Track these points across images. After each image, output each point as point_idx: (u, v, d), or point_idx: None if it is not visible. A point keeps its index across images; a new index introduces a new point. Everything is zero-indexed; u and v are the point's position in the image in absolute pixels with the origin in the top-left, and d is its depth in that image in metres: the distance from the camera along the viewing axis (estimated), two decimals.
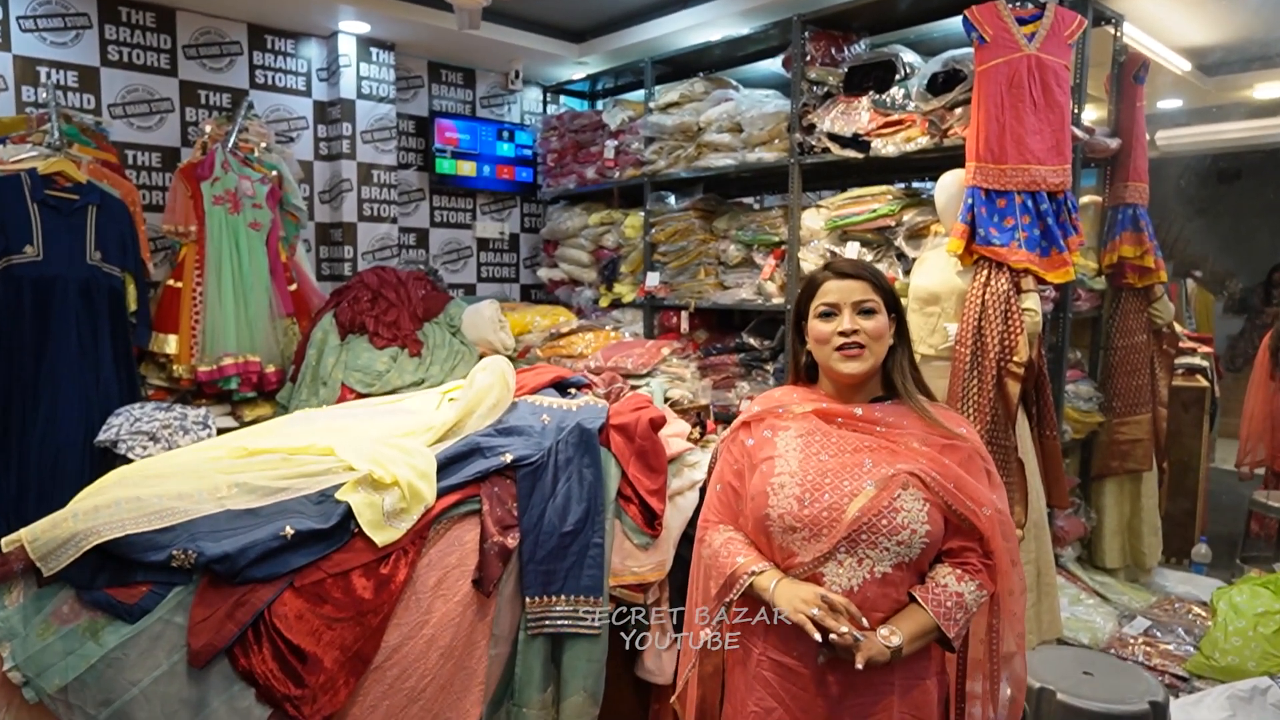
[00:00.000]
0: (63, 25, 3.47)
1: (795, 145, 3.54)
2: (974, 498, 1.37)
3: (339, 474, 1.72)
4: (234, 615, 1.52)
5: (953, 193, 2.81)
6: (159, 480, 1.63)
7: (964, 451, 1.42)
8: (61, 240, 3.11)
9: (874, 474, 1.36)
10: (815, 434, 1.44)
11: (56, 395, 3.09)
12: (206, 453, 1.78)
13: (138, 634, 1.47)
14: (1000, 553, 1.40)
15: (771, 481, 1.41)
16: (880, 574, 1.34)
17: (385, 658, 1.67)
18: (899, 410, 1.45)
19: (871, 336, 1.41)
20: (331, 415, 2.02)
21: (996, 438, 2.65)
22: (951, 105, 3.01)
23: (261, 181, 3.61)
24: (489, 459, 1.83)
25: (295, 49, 4.12)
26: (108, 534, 1.47)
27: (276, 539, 1.57)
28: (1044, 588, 2.80)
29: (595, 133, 4.54)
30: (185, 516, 1.55)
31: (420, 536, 1.72)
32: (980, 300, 2.67)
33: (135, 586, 1.49)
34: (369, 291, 3.58)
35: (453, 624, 1.73)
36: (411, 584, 1.71)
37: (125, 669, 1.45)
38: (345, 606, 1.61)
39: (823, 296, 1.45)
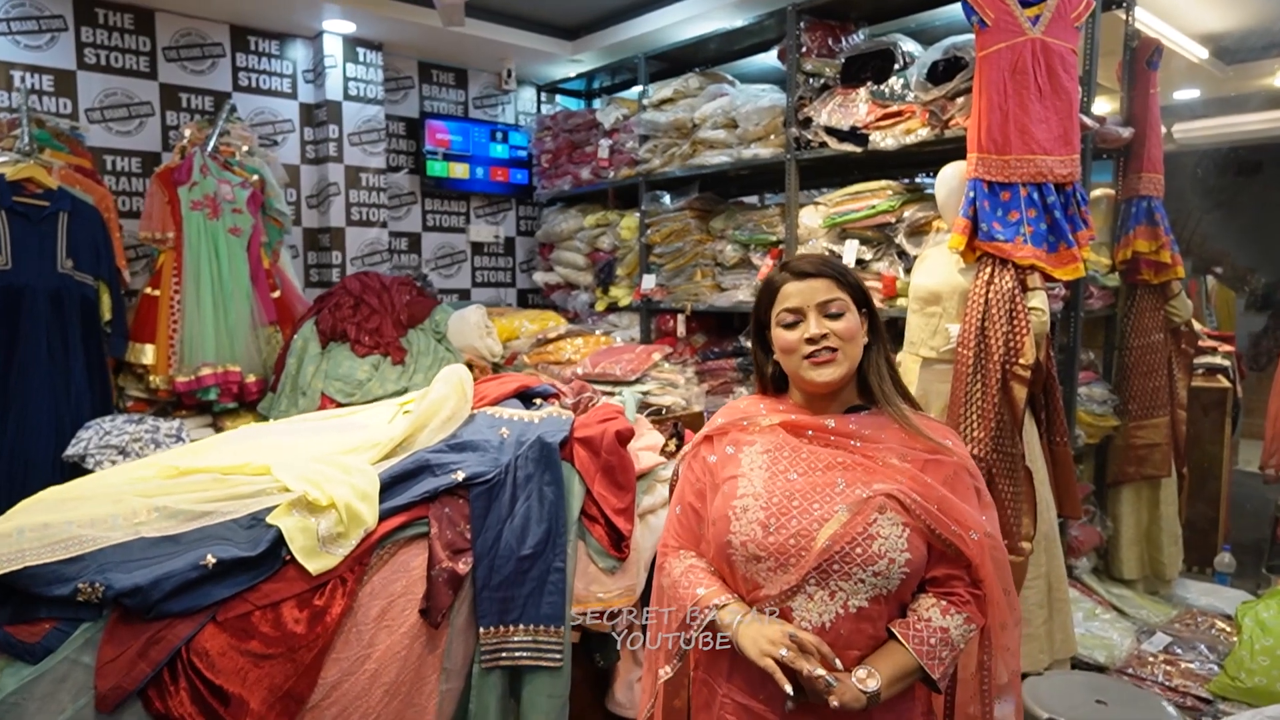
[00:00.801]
0: (37, 28, 3.40)
1: (791, 140, 3.40)
2: (960, 520, 1.23)
3: (273, 495, 1.60)
4: (147, 654, 1.39)
5: (954, 186, 2.65)
6: (74, 504, 1.51)
7: (949, 467, 1.28)
8: (30, 248, 3.03)
9: (847, 496, 1.22)
10: (783, 449, 1.30)
11: (25, 408, 3.00)
12: (134, 473, 1.66)
13: (40, 676, 1.35)
14: (991, 581, 1.25)
15: (734, 504, 1.27)
16: (855, 608, 1.20)
17: (323, 696, 1.54)
18: (877, 421, 1.31)
19: (843, 338, 1.27)
20: (276, 431, 1.90)
21: (1002, 445, 2.49)
22: (953, 94, 2.86)
23: (242, 186, 3.51)
24: (439, 477, 1.70)
25: (280, 50, 4.03)
26: (4, 566, 1.35)
27: (196, 569, 1.45)
28: (1056, 603, 2.63)
29: (590, 132, 4.43)
30: (95, 545, 1.43)
31: (360, 563, 1.59)
32: (983, 299, 2.51)
33: (38, 623, 1.37)
34: (351, 298, 3.47)
35: (399, 658, 1.60)
36: (352, 615, 1.58)
37: (26, 715, 1.33)
38: (275, 642, 1.48)
39: (784, 301, 1.31)
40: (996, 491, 2.49)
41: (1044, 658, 2.58)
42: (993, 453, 2.47)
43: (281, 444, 1.77)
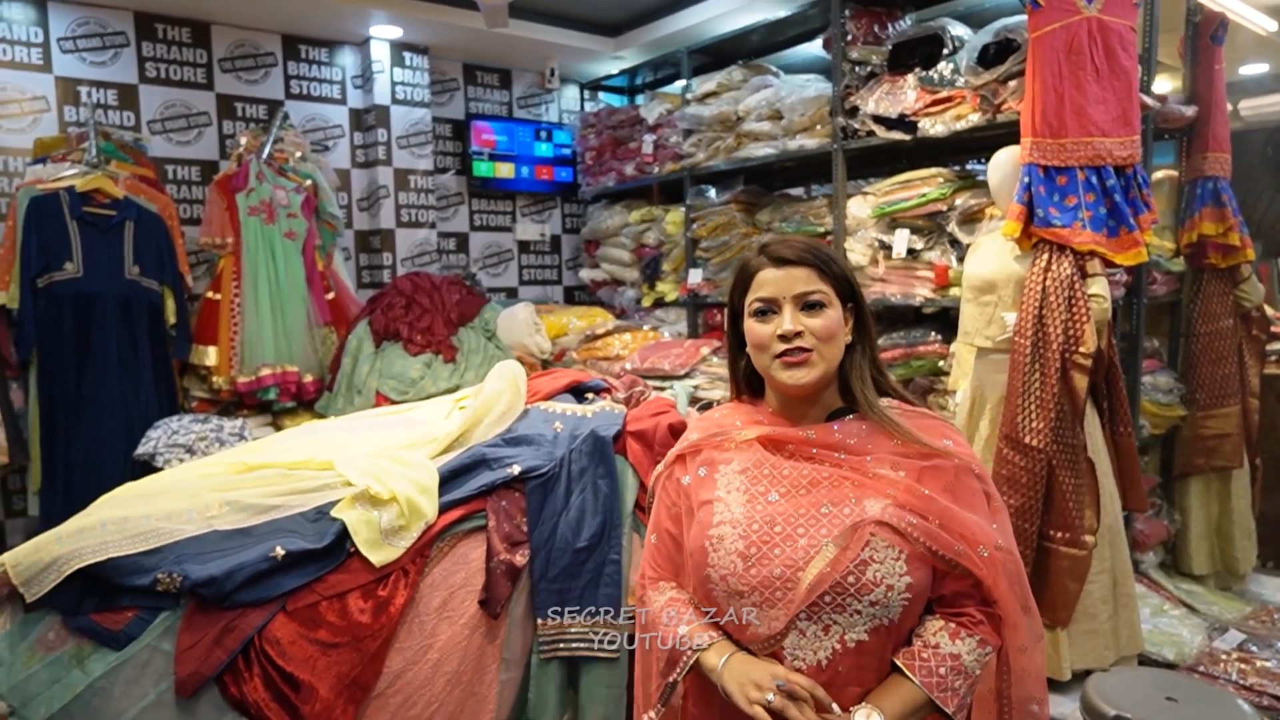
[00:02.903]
0: (101, 45, 3.53)
1: (838, 130, 3.35)
2: (967, 535, 1.09)
3: (336, 490, 1.64)
4: (222, 641, 1.44)
5: (1007, 172, 2.59)
6: (150, 499, 1.57)
7: (948, 472, 1.13)
8: (100, 256, 3.16)
9: (834, 522, 1.08)
10: (762, 467, 1.16)
11: (98, 411, 3.13)
12: (204, 469, 1.72)
13: (124, 662, 1.41)
14: (1006, 600, 1.11)
15: (710, 534, 1.13)
16: (854, 642, 1.07)
17: (388, 684, 1.57)
18: (863, 427, 1.17)
19: (820, 337, 1.13)
20: (336, 427, 1.95)
21: (1063, 436, 2.43)
22: (1005, 78, 2.79)
23: (296, 191, 3.61)
24: (495, 471, 1.72)
25: (329, 57, 4.12)
26: (89, 558, 1.41)
27: (266, 560, 1.49)
28: (1121, 598, 2.56)
29: (633, 128, 4.43)
30: (171, 538, 1.48)
31: (421, 555, 1.62)
32: (1041, 287, 2.45)
33: (121, 612, 1.43)
34: (403, 298, 3.54)
35: (460, 648, 1.62)
36: (414, 606, 1.61)
37: (112, 699, 1.39)
38: (342, 631, 1.52)
39: (757, 290, 1.17)
40: (1057, 483, 2.44)
41: (1109, 654, 2.52)
42: (1053, 444, 2.42)
43: (342, 440, 1.82)
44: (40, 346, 3.09)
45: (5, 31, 3.33)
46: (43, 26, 3.41)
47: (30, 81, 3.40)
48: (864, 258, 3.33)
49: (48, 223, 3.06)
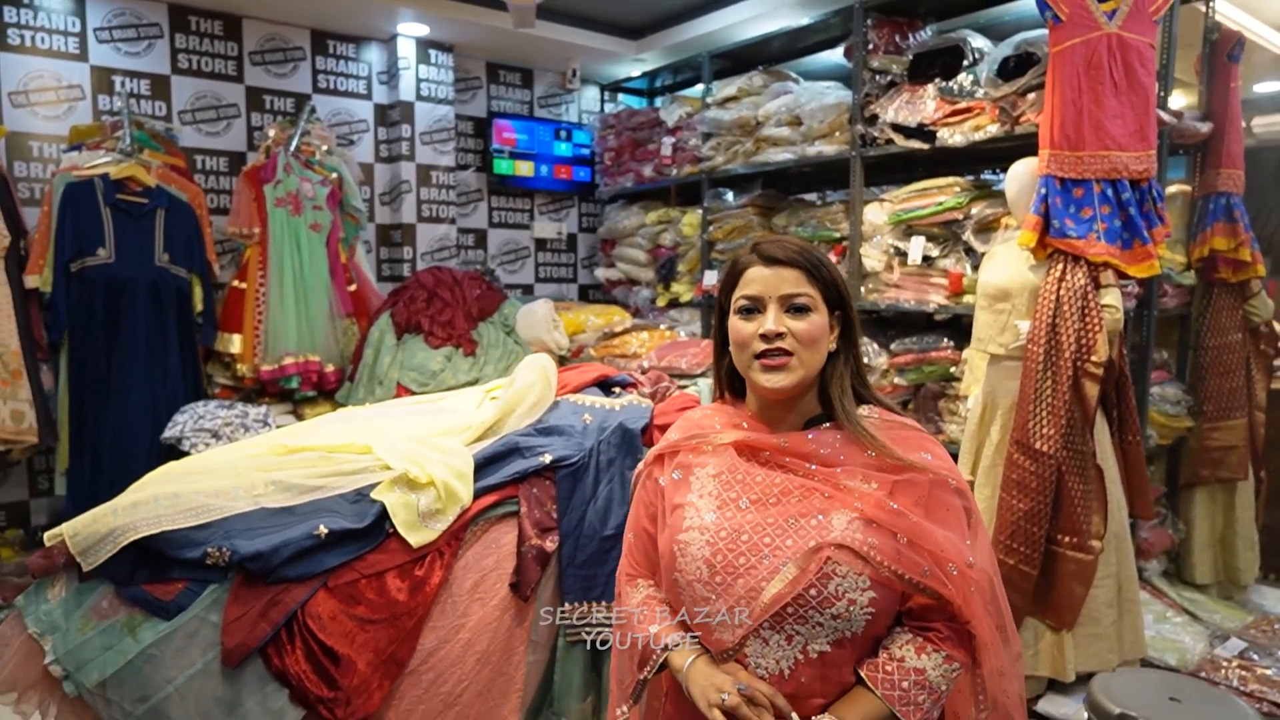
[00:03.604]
0: (136, 35, 3.60)
1: (857, 137, 3.41)
2: (936, 553, 1.06)
3: (375, 473, 1.70)
4: (267, 615, 1.50)
5: (1025, 182, 2.65)
6: (199, 477, 1.63)
7: (923, 485, 1.11)
8: (132, 243, 3.22)
9: (800, 534, 1.08)
10: (736, 473, 1.16)
11: (126, 394, 3.19)
12: (248, 450, 1.78)
13: (173, 631, 1.46)
14: (980, 621, 1.07)
15: (679, 538, 1.14)
16: (816, 653, 1.06)
17: (421, 661, 1.63)
18: (838, 437, 1.16)
19: (801, 341, 1.12)
20: (371, 414, 2.01)
21: (1073, 443, 2.49)
22: (1024, 90, 2.85)
23: (322, 184, 3.67)
24: (528, 459, 1.78)
25: (356, 53, 4.19)
26: (144, 530, 1.47)
27: (310, 538, 1.55)
28: (1126, 603, 2.61)
29: (652, 130, 4.49)
30: (221, 514, 1.54)
31: (456, 538, 1.68)
32: (1055, 296, 2.50)
33: (172, 583, 1.49)
34: (425, 291, 3.61)
35: (490, 628, 1.68)
36: (447, 586, 1.67)
37: (161, 666, 1.45)
38: (379, 608, 1.58)
39: (744, 287, 1.15)
40: (1066, 489, 2.49)
41: (1113, 658, 2.57)
42: (1063, 450, 2.47)
43: (379, 426, 1.87)
44: (71, 330, 3.15)
45: (45, 21, 3.40)
46: (80, 16, 3.47)
47: (66, 70, 3.46)
48: (879, 264, 3.38)
49: (82, 209, 3.13)
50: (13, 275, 3.05)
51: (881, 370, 3.41)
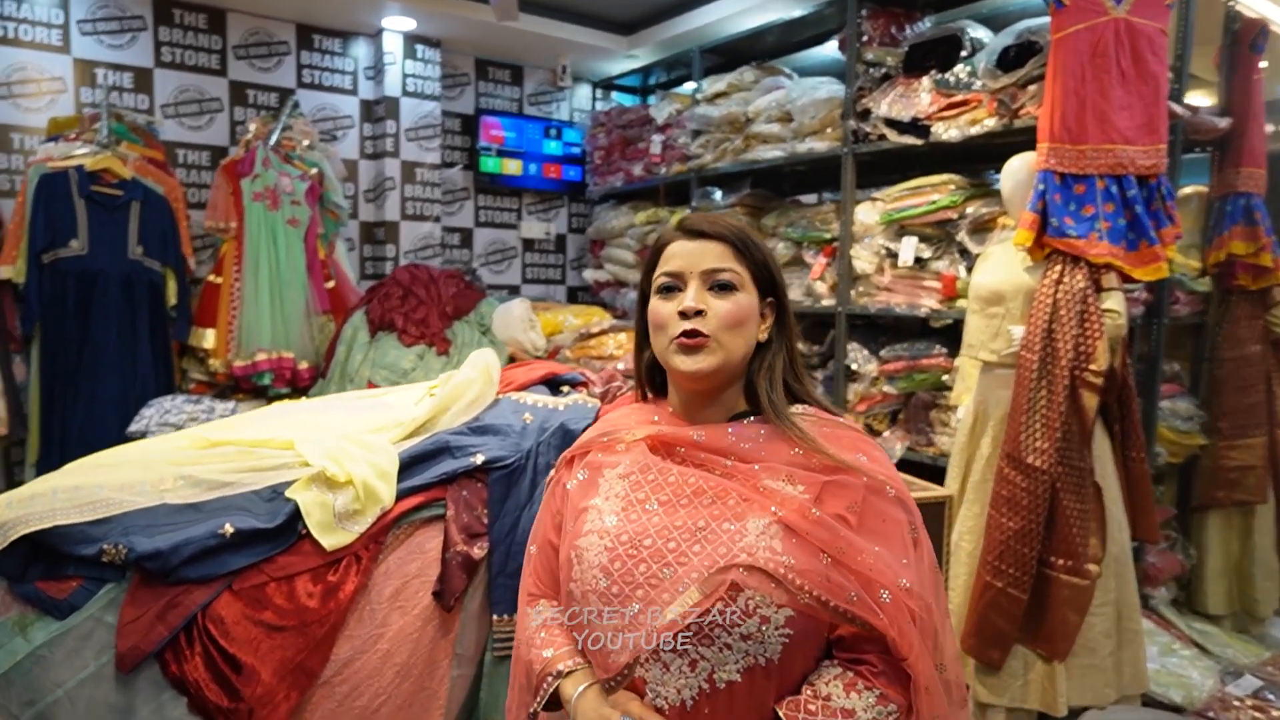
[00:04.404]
0: (119, 28, 3.56)
1: (849, 133, 3.28)
2: (866, 573, 0.91)
3: (294, 469, 1.59)
4: (165, 617, 1.40)
5: (1021, 178, 2.50)
6: (109, 470, 1.55)
7: (856, 490, 0.97)
8: (105, 235, 3.17)
9: (709, 540, 0.95)
10: (648, 472, 1.03)
11: (96, 387, 3.15)
12: (172, 443, 1.69)
13: (66, 632, 1.37)
14: (920, 658, 0.92)
15: (577, 544, 1.02)
16: (723, 682, 0.92)
17: (335, 672, 1.52)
18: (761, 431, 1.03)
19: (724, 322, 1.00)
20: (311, 408, 1.91)
21: (1069, 457, 2.31)
22: (1024, 82, 2.70)
23: (301, 179, 3.60)
24: (458, 459, 1.66)
25: (342, 48, 4.13)
26: (36, 524, 1.39)
27: (214, 537, 1.45)
28: (1126, 633, 2.42)
29: (643, 128, 4.39)
30: (120, 508, 1.45)
31: (376, 542, 1.57)
32: (1051, 300, 2.34)
33: (66, 581, 1.40)
34: (400, 289, 3.52)
35: (411, 639, 1.56)
36: (365, 593, 1.55)
37: (51, 668, 1.36)
38: (288, 614, 1.47)
39: (665, 263, 1.04)
40: (1061, 507, 2.32)
41: (1110, 692, 2.38)
42: (1057, 465, 2.30)
43: (312, 421, 1.78)
44: (43, 321, 3.11)
45: (28, 12, 3.37)
46: (64, 8, 3.44)
47: (49, 62, 3.42)
48: (870, 265, 3.25)
49: (56, 200, 3.08)
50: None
51: (871, 378, 3.27)
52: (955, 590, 2.51)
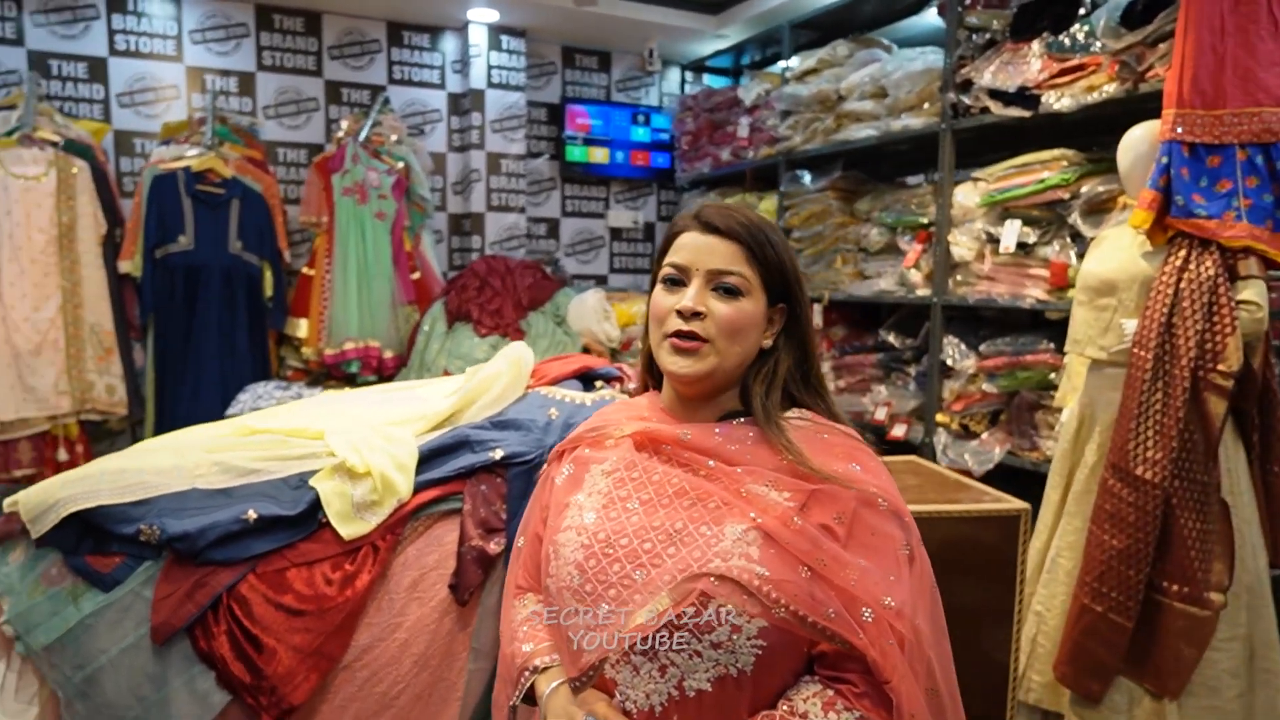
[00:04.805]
0: (225, 36, 3.79)
1: (947, 107, 3.02)
2: (848, 588, 0.86)
3: (321, 459, 1.63)
4: (194, 596, 1.48)
5: (1142, 151, 2.17)
6: (154, 454, 1.64)
7: (845, 501, 0.92)
8: (209, 231, 3.39)
9: (685, 543, 0.92)
10: (633, 470, 1.00)
11: (200, 372, 3.37)
12: (216, 430, 1.77)
13: (110, 604, 1.47)
14: (903, 681, 0.86)
15: (556, 539, 1.00)
16: (693, 691, 0.88)
17: (355, 657, 1.55)
18: (750, 434, 0.99)
19: (722, 328, 0.96)
20: (349, 399, 1.96)
21: (1190, 470, 2.01)
22: (1153, 39, 2.36)
23: (388, 173, 3.72)
24: (477, 454, 1.65)
25: (431, 43, 4.23)
26: (81, 503, 1.48)
27: (238, 522, 1.51)
28: (1259, 674, 2.09)
29: (731, 111, 4.26)
30: (156, 491, 1.53)
31: (393, 532, 1.58)
32: (1173, 289, 2.03)
33: (111, 556, 1.50)
34: (477, 279, 3.59)
35: (428, 630, 1.57)
36: (384, 583, 1.57)
37: (97, 636, 1.46)
38: (307, 599, 1.51)
39: (674, 254, 1.01)
40: (1177, 526, 2.02)
41: None
42: (1174, 479, 2.00)
43: (346, 411, 1.82)
44: (155, 312, 3.37)
45: (148, 26, 3.64)
46: (177, 20, 3.69)
47: (164, 71, 3.69)
48: (969, 252, 2.99)
49: (166, 199, 3.32)
50: (108, 260, 3.30)
51: (968, 375, 3.02)
52: (1052, 612, 2.28)
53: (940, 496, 1.91)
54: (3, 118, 3.11)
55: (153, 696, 1.45)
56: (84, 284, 3.14)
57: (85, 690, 1.43)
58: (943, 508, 1.81)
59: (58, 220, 3.05)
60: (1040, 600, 2.28)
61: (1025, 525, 1.86)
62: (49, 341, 3.04)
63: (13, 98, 3.20)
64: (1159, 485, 2.00)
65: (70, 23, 3.48)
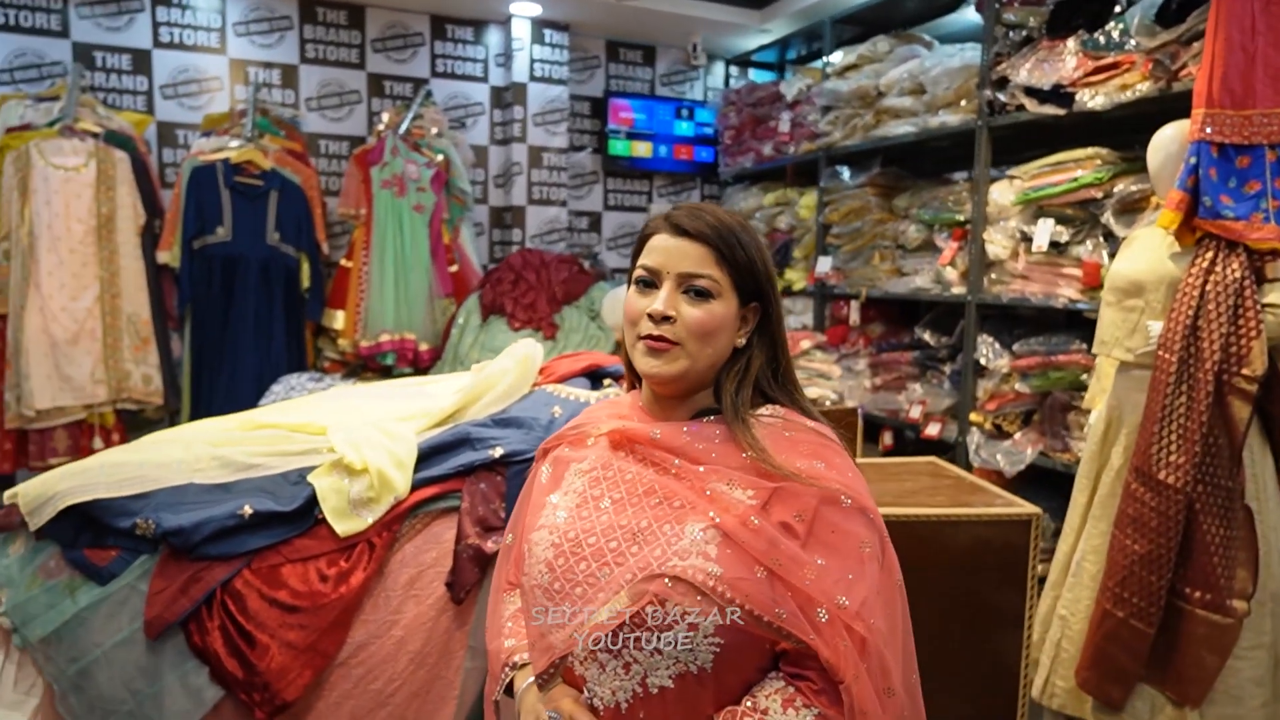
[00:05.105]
0: (269, 28, 3.85)
1: (984, 104, 2.94)
2: (802, 588, 0.87)
3: (321, 454, 1.63)
4: (188, 590, 1.48)
5: (1171, 151, 2.12)
6: (160, 447, 1.66)
7: (806, 499, 0.91)
8: (246, 222, 3.45)
9: (647, 541, 0.93)
10: (608, 469, 1.02)
11: (235, 363, 3.44)
12: (224, 423, 1.79)
13: (106, 597, 1.48)
14: (856, 681, 0.86)
15: (530, 537, 1.02)
16: (655, 688, 0.90)
17: (350, 654, 1.55)
18: (718, 432, 0.99)
19: (692, 331, 0.96)
20: (359, 394, 1.97)
21: (1213, 475, 1.96)
22: (1188, 37, 2.30)
23: (428, 166, 3.75)
24: (477, 451, 1.64)
25: (474, 37, 4.24)
26: (78, 496, 1.50)
27: (233, 517, 1.51)
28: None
29: (773, 105, 4.19)
30: (154, 485, 1.54)
31: (389, 530, 1.58)
32: (1199, 291, 1.98)
33: (107, 550, 1.51)
34: (512, 273, 3.59)
35: (425, 628, 1.57)
36: (381, 580, 1.57)
37: (92, 630, 1.47)
38: (301, 596, 1.52)
39: (646, 255, 1.01)
40: (1200, 532, 1.97)
41: None
42: (1197, 484, 1.95)
43: (356, 406, 1.82)
44: (193, 303, 3.44)
45: (192, 19, 3.72)
46: (221, 13, 3.76)
47: (208, 63, 3.77)
48: (1004, 250, 2.90)
49: (204, 190, 3.39)
50: (147, 251, 3.37)
51: (1001, 374, 2.94)
52: (1077, 616, 2.22)
53: (953, 500, 1.91)
54: (45, 109, 3.19)
55: (146, 690, 1.46)
56: (122, 274, 3.21)
57: (79, 683, 1.44)
58: (955, 511, 1.80)
59: (97, 211, 3.13)
60: (1065, 604, 2.24)
61: (1037, 530, 1.85)
62: (86, 331, 3.11)
63: (56, 89, 3.29)
64: (1181, 490, 1.96)
65: (115, 15, 3.57)
